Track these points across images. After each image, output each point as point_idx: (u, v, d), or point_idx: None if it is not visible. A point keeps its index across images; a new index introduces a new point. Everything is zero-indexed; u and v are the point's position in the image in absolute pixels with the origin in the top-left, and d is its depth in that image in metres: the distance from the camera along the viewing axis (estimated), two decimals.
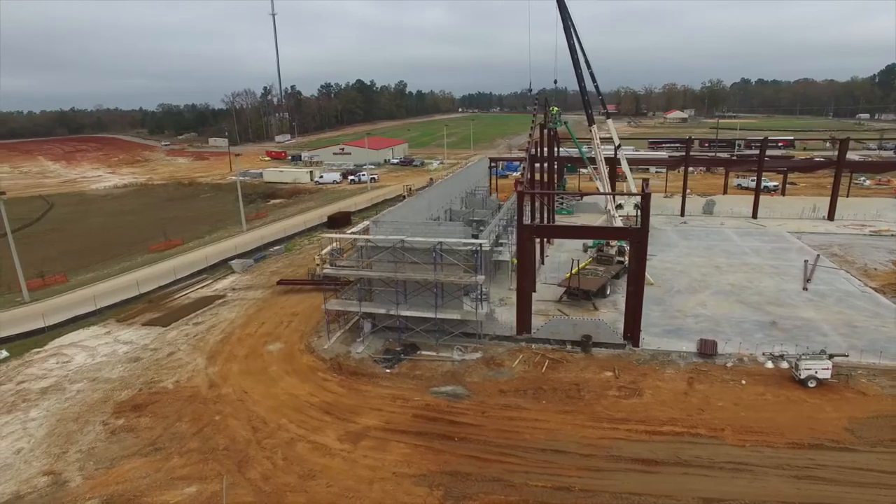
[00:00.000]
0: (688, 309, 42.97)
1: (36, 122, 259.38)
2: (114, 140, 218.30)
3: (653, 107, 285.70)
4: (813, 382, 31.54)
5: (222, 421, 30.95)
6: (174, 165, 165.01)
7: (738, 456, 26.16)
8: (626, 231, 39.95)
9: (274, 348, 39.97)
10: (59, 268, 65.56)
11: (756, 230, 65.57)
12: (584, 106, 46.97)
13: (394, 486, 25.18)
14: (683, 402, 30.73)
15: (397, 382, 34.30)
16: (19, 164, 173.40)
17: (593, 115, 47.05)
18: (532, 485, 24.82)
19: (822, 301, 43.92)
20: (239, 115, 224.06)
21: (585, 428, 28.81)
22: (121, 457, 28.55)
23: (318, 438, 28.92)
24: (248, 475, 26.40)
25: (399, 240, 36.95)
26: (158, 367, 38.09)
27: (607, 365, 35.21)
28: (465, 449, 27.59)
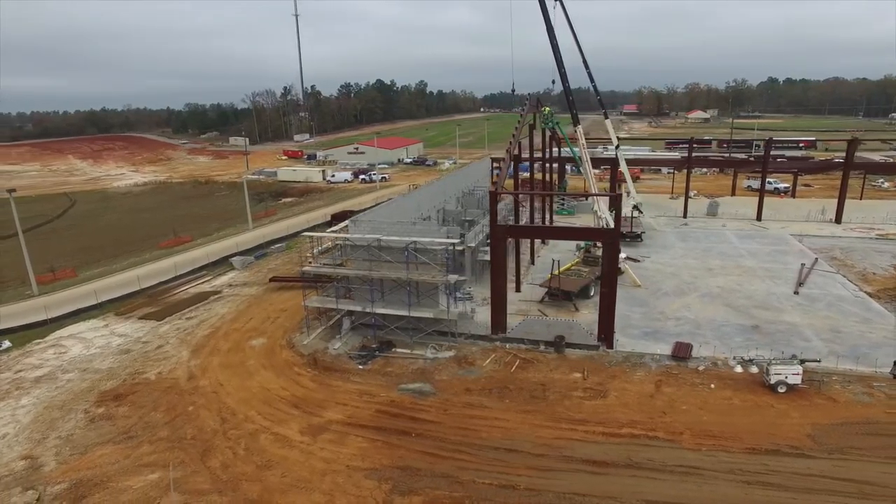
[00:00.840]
0: (671, 311, 42.60)
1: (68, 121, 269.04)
2: (139, 139, 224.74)
3: (675, 106, 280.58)
4: (783, 388, 31.08)
5: (194, 411, 32.04)
6: (194, 164, 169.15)
7: (692, 460, 26.02)
8: (599, 232, 39.79)
9: (257, 343, 41.03)
10: (73, 263, 68.27)
11: (757, 232, 64.34)
12: (569, 106, 46.90)
13: (345, 478, 25.80)
14: (647, 405, 30.61)
15: (368, 379, 34.93)
16: (50, 162, 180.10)
17: (578, 116, 46.99)
18: (479, 482, 25.15)
19: (810, 305, 43.03)
20: (259, 115, 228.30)
21: (543, 428, 28.97)
22: (95, 443, 29.82)
23: (281, 430, 29.74)
24: (208, 464, 27.36)
25: (375, 239, 37.58)
26: (145, 359, 39.51)
27: (578, 366, 35.23)
28: (420, 445, 28.05)
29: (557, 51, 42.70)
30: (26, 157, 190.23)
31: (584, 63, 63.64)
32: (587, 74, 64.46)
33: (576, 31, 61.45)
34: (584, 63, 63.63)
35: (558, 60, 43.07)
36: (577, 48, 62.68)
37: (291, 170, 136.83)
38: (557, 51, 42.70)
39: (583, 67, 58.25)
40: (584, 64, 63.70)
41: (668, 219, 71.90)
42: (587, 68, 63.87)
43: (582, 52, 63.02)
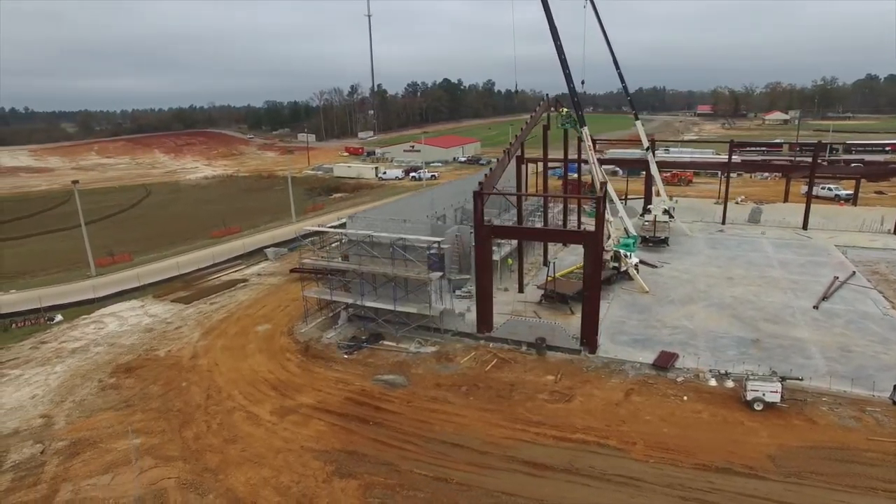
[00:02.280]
0: (670, 320, 41.20)
1: (159, 118, 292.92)
2: (218, 135, 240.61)
3: (753, 107, 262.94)
4: (759, 405, 29.58)
5: (186, 387, 35.05)
6: (261, 159, 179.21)
7: (634, 470, 25.55)
8: (579, 234, 39.15)
9: (261, 329, 43.87)
10: (134, 248, 75.05)
11: (798, 241, 60.18)
12: (574, 107, 46.14)
13: (296, 457, 27.54)
14: (609, 413, 30.16)
15: (349, 368, 36.61)
16: (138, 156, 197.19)
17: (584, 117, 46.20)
18: (416, 472, 26.05)
19: (827, 321, 40.15)
20: (327, 112, 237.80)
21: (496, 427, 29.34)
22: (100, 409, 33.44)
23: (254, 410, 32.00)
24: (183, 434, 30.04)
25: (367, 235, 39.19)
26: (162, 338, 43.38)
27: (554, 369, 35.10)
28: (374, 433, 29.30)
29: (561, 51, 42.31)
30: (121, 151, 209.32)
31: (615, 62, 62.36)
32: (618, 74, 63.07)
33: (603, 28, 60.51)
34: (614, 62, 62.37)
35: (562, 60, 42.67)
36: (608, 48, 61.47)
37: (346, 166, 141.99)
38: (561, 51, 42.31)
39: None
40: (614, 64, 62.44)
41: (705, 224, 68.70)
42: (617, 68, 62.52)
43: (612, 51, 61.76)
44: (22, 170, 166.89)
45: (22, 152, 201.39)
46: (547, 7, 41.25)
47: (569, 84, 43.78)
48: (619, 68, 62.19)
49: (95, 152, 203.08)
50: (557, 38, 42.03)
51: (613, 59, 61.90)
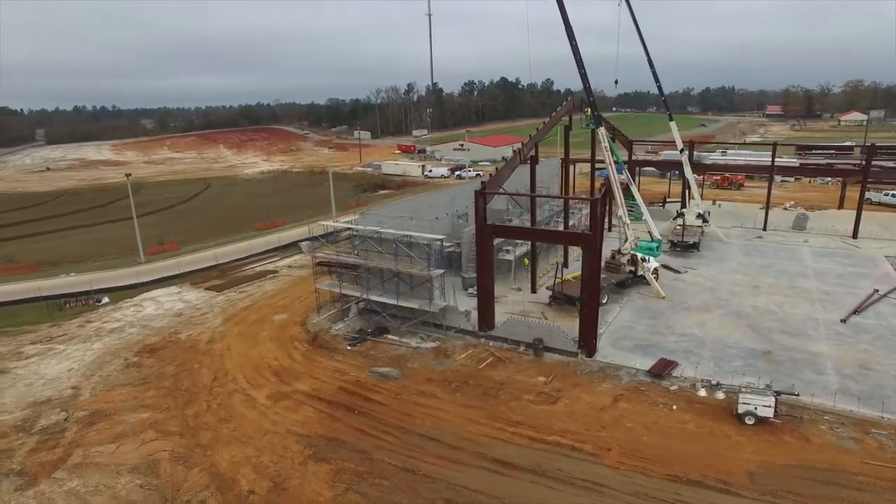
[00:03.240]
0: (680, 327, 39.93)
1: (227, 115, 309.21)
2: (279, 131, 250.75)
3: (830, 107, 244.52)
4: (751, 419, 28.39)
5: (198, 369, 37.54)
6: (317, 155, 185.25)
7: (602, 476, 25.29)
8: (578, 236, 38.44)
9: (278, 318, 46.09)
10: (185, 238, 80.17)
11: (843, 251, 56.30)
12: (591, 107, 45.26)
13: (280, 439, 29.10)
14: (592, 417, 29.83)
15: (349, 359, 37.96)
16: (204, 151, 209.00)
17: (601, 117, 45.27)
18: (387, 462, 26.94)
19: (853, 337, 37.66)
20: (383, 110, 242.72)
21: (475, 423, 29.73)
22: (120, 384, 36.45)
23: (253, 393, 33.92)
24: (186, 411, 32.33)
25: (373, 230, 40.41)
26: (188, 322, 46.45)
27: (548, 370, 34.97)
28: (357, 422, 30.43)
29: (577, 50, 41.69)
30: (190, 146, 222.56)
31: (650, 63, 60.54)
32: (652, 74, 61.17)
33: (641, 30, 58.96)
34: (649, 63, 60.56)
35: (578, 61, 42.04)
36: (643, 48, 59.78)
37: (395, 163, 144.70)
38: (577, 50, 41.69)
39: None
40: (649, 64, 60.62)
41: (744, 230, 65.45)
42: (652, 67, 60.65)
43: (647, 52, 60.01)
44: (102, 163, 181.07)
45: (105, 147, 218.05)
46: (562, 6, 40.85)
47: (584, 84, 43.17)
48: (653, 67, 60.36)
49: (167, 147, 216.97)
50: (573, 37, 41.53)
51: (648, 58, 60.11)
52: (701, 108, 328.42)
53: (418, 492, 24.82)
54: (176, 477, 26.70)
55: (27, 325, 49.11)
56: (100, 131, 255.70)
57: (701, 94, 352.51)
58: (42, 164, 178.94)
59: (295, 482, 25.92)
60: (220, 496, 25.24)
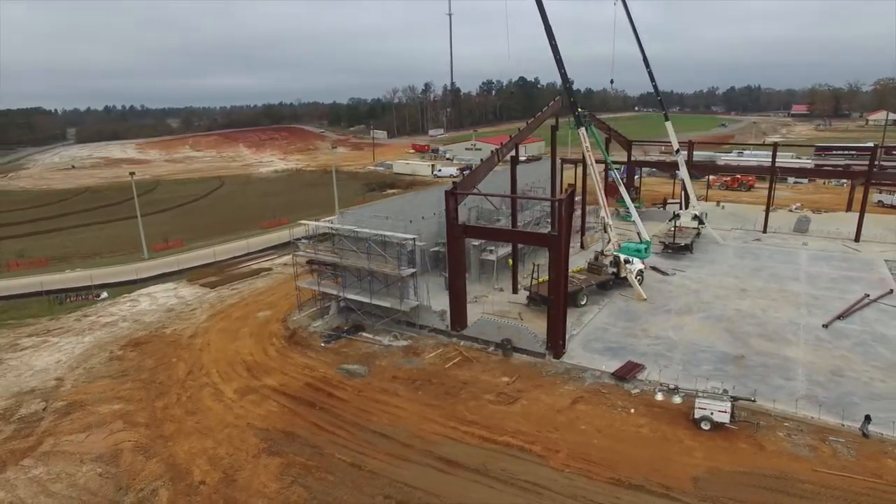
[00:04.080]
0: (656, 330, 39.47)
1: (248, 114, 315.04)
2: (299, 130, 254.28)
3: (858, 106, 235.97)
4: (707, 424, 28.02)
5: (175, 363, 38.62)
6: (332, 154, 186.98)
7: (545, 478, 25.29)
8: (544, 237, 38.20)
9: (262, 315, 47.02)
10: (193, 235, 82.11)
11: (842, 255, 54.74)
12: (571, 107, 45.01)
13: (239, 432, 29.83)
14: (546, 419, 29.79)
15: (321, 355, 38.58)
16: (224, 149, 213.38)
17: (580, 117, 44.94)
18: (336, 457, 27.41)
19: (832, 342, 36.73)
20: (399, 110, 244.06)
21: (430, 422, 29.99)
22: (101, 376, 37.73)
23: (222, 387, 34.78)
24: (156, 404, 33.35)
25: (350, 229, 40.96)
26: (176, 318, 47.74)
27: (513, 371, 35.00)
28: (316, 417, 30.98)
29: (557, 51, 41.51)
30: (211, 145, 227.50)
31: (645, 62, 59.90)
32: (648, 73, 60.48)
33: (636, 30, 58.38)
34: (644, 62, 59.91)
35: (558, 60, 41.84)
36: (639, 47, 59.17)
37: (405, 163, 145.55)
38: (557, 51, 41.51)
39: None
40: (644, 62, 59.95)
41: (744, 232, 64.11)
42: (648, 67, 60.02)
43: (643, 50, 59.50)
44: (125, 161, 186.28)
45: (130, 146, 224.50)
46: (541, 6, 40.77)
47: (565, 84, 43.00)
48: (649, 67, 59.72)
49: (189, 146, 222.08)
50: (553, 37, 41.42)
51: (643, 57, 59.49)
52: (725, 107, 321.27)
53: (360, 487, 25.22)
54: (134, 466, 27.64)
55: (29, 318, 51.04)
56: (126, 130, 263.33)
57: (725, 94, 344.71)
58: (68, 163, 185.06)
59: (245, 474, 26.58)
60: (172, 486, 26.04)
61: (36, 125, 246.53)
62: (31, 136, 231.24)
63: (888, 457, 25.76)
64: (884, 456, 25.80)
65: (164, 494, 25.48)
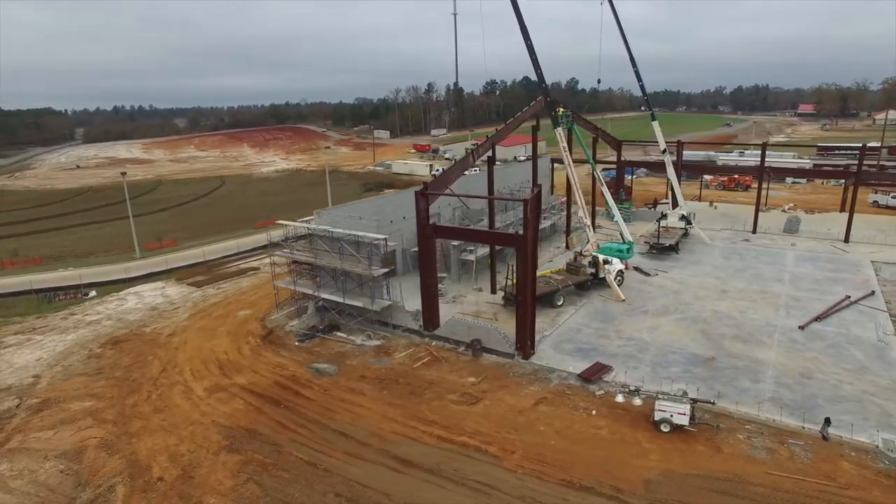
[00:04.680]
0: (630, 331, 39.28)
1: (254, 114, 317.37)
2: (303, 130, 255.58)
3: (866, 106, 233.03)
4: (666, 427, 27.87)
5: (151, 361, 39.04)
6: (334, 154, 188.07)
7: (496, 479, 25.28)
8: (511, 237, 38.16)
9: (242, 314, 47.39)
10: (187, 235, 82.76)
11: (829, 255, 54.14)
12: (548, 107, 44.91)
13: (203, 429, 30.13)
14: (506, 420, 29.77)
15: (294, 354, 38.82)
16: (228, 149, 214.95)
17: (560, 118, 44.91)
18: (294, 454, 27.61)
19: (806, 344, 36.38)
20: (402, 110, 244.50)
21: (390, 421, 30.10)
22: (78, 374, 38.22)
23: (192, 385, 35.11)
24: (126, 401, 33.75)
25: (325, 229, 41.19)
26: (158, 316, 48.22)
27: (480, 371, 35.01)
28: (280, 415, 31.20)
29: (533, 51, 41.46)
30: (216, 145, 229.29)
31: (632, 61, 59.66)
32: (634, 72, 60.23)
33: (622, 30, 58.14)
34: (631, 61, 59.67)
35: (534, 61, 41.79)
36: (626, 48, 58.98)
37: (403, 163, 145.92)
38: (533, 51, 41.46)
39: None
40: (631, 62, 59.72)
41: (734, 233, 63.60)
42: (634, 66, 59.74)
43: (629, 50, 59.26)
44: (129, 161, 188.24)
45: (136, 145, 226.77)
46: (516, 6, 40.74)
47: (541, 83, 42.94)
48: (635, 66, 59.44)
49: (194, 146, 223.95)
50: (528, 37, 41.36)
51: (630, 57, 59.26)
52: (732, 107, 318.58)
53: (313, 485, 25.38)
54: (96, 463, 28.00)
55: (17, 316, 51.77)
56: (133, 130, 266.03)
57: (733, 94, 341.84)
58: (74, 163, 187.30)
59: (203, 471, 26.85)
60: (130, 482, 26.36)
61: (44, 125, 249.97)
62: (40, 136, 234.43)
63: (844, 459, 25.51)
64: (840, 459, 25.55)
65: (121, 491, 25.80)
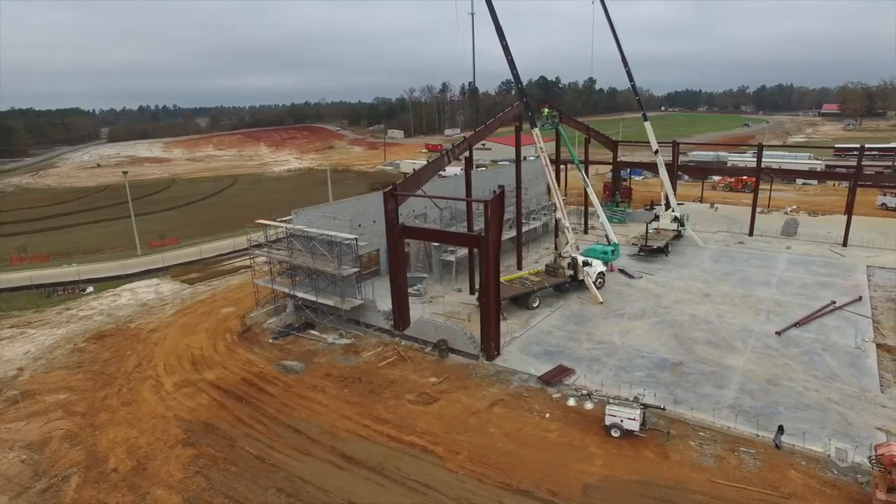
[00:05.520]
0: (601, 335, 38.90)
1: (274, 113, 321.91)
2: (320, 130, 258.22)
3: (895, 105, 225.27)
4: (616, 432, 27.59)
5: (129, 355, 40.05)
6: (347, 153, 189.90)
7: (436, 479, 25.35)
8: (471, 238, 38.03)
9: (225, 311, 48.26)
10: (190, 233, 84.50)
11: (823, 259, 52.71)
12: (525, 107, 44.68)
13: (164, 424, 30.84)
14: (459, 421, 29.79)
15: (266, 351, 39.42)
16: (245, 148, 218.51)
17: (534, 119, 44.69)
18: (245, 449, 28.12)
19: (779, 350, 35.56)
20: (417, 109, 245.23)
21: (345, 419, 30.39)
22: (59, 367, 39.41)
23: (163, 380, 35.94)
24: (97, 394, 34.73)
25: (300, 229, 41.71)
26: (146, 312, 49.40)
27: (444, 371, 35.08)
28: (240, 410, 31.76)
29: (508, 52, 41.30)
30: (235, 144, 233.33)
31: (624, 61, 59.06)
32: (626, 73, 59.54)
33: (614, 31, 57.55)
34: (623, 61, 59.03)
35: (510, 62, 41.64)
36: (617, 46, 58.30)
37: (412, 162, 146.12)
38: (508, 52, 41.30)
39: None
40: (623, 62, 59.09)
41: (731, 235, 62.38)
42: (626, 66, 59.16)
43: (621, 49, 58.60)
44: (148, 159, 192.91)
45: (157, 145, 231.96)
46: (491, 6, 40.71)
47: (517, 84, 42.82)
48: (627, 66, 58.82)
49: (213, 145, 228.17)
50: (503, 38, 41.30)
51: (622, 57, 58.57)
52: (755, 106, 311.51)
53: (257, 480, 25.81)
54: (58, 454, 28.90)
55: (16, 310, 53.61)
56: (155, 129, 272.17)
57: (756, 93, 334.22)
58: (95, 161, 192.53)
59: (157, 463, 27.51)
60: (85, 473, 27.16)
61: (71, 125, 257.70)
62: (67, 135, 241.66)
63: (793, 468, 24.92)
64: (789, 468, 24.97)
65: (75, 481, 26.60)
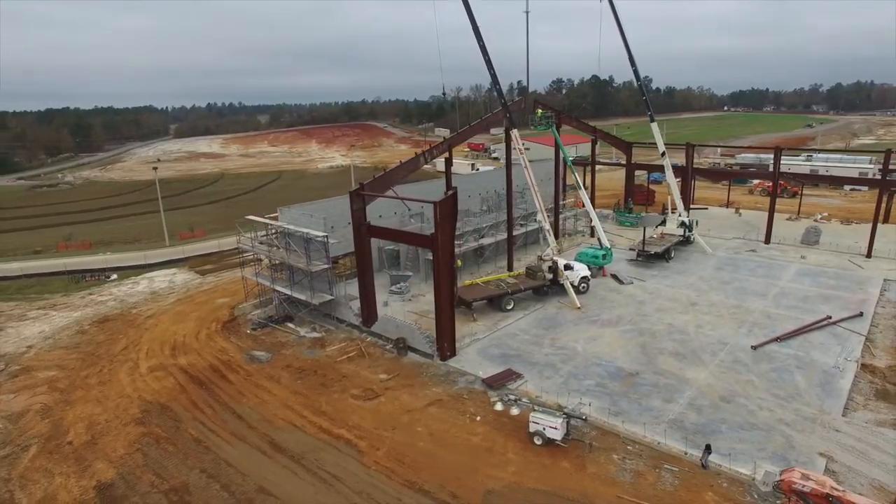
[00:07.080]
0: (566, 340, 38.12)
1: (330, 111, 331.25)
2: (370, 127, 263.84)
3: None
4: (539, 440, 27.18)
5: (120, 339, 43.06)
6: (392, 151, 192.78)
7: (347, 472, 25.95)
8: (423, 238, 37.83)
9: (220, 301, 50.81)
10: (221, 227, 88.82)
11: (837, 271, 48.94)
12: (503, 108, 43.91)
13: (127, 403, 33.14)
14: (392, 418, 30.22)
15: (241, 341, 41.32)
16: (297, 145, 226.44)
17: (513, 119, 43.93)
18: (188, 431, 29.85)
19: (749, 365, 33.64)
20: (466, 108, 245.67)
21: (287, 409, 31.54)
22: (60, 347, 42.96)
23: (140, 363, 38.48)
24: (80, 373, 37.68)
25: (281, 226, 43.37)
26: (151, 300, 52.79)
27: (396, 369, 35.60)
28: (198, 395, 33.60)
29: (485, 51, 40.94)
30: (289, 140, 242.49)
31: (631, 60, 57.04)
32: (633, 72, 57.55)
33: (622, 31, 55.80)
34: (630, 60, 57.03)
35: (487, 62, 41.25)
36: (624, 44, 56.50)
37: None
38: (485, 51, 40.94)
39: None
40: (630, 61, 57.07)
41: (745, 242, 59.02)
42: (633, 65, 57.12)
43: (629, 48, 56.72)
44: (205, 155, 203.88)
45: (217, 141, 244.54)
46: (468, 6, 40.64)
47: (495, 86, 42.50)
48: (634, 66, 56.77)
49: (268, 142, 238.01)
50: (480, 37, 41.12)
51: (629, 55, 56.58)
52: (828, 106, 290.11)
53: (188, 460, 27.37)
54: (28, 425, 31.71)
55: (47, 293, 58.60)
56: (217, 126, 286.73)
57: (830, 91, 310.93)
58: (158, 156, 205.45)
59: (108, 439, 29.68)
60: (44, 444, 29.71)
61: (142, 122, 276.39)
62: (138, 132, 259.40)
63: (712, 490, 23.73)
64: (707, 489, 23.79)
65: (33, 451, 29.14)
